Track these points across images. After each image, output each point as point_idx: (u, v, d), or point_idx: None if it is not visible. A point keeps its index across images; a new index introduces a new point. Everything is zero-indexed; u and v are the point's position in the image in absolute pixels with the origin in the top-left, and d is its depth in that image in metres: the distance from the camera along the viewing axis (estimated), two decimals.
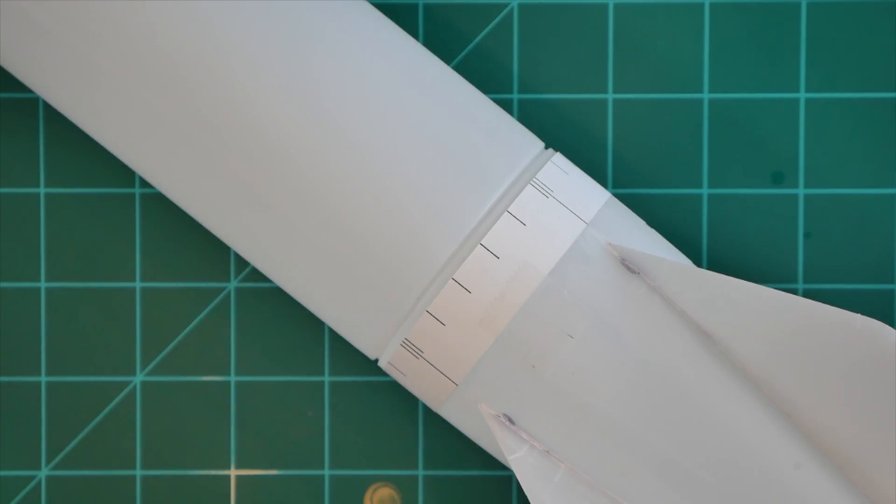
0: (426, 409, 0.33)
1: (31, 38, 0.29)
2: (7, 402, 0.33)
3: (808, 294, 0.33)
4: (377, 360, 0.31)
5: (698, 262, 0.33)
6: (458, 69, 0.33)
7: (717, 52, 0.33)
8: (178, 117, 0.29)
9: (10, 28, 0.29)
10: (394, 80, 0.29)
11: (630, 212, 0.31)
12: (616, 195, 0.33)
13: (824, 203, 0.33)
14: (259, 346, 0.33)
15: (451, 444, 0.33)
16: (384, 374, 0.33)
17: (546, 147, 0.32)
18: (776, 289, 0.29)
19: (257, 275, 0.33)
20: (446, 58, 0.33)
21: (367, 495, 0.33)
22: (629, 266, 0.29)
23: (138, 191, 0.33)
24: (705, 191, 0.33)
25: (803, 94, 0.33)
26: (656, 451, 0.29)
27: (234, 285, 0.33)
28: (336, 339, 0.33)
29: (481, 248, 0.28)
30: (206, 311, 0.33)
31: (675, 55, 0.33)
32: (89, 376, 0.33)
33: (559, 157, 0.30)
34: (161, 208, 0.33)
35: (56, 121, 0.33)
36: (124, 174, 0.33)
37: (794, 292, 0.33)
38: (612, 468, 0.29)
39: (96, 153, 0.33)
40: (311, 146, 0.29)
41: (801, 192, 0.33)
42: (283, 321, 0.33)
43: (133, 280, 0.33)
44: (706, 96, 0.33)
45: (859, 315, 0.28)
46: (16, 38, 0.29)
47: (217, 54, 0.29)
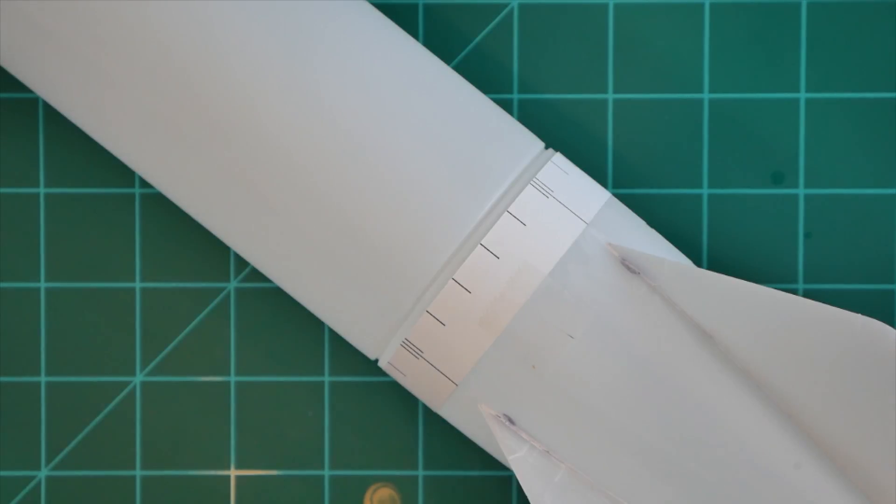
0: (426, 409, 0.33)
1: (31, 38, 0.29)
2: (7, 402, 0.33)
3: (808, 294, 0.33)
4: (377, 360, 0.31)
5: (698, 262, 0.33)
6: (458, 69, 0.33)
7: (717, 52, 0.33)
8: (177, 117, 0.29)
9: (11, 28, 0.29)
10: (394, 80, 0.29)
11: (630, 212, 0.31)
12: (616, 195, 0.33)
13: (824, 203, 0.33)
14: (259, 346, 0.33)
15: (451, 444, 0.33)
16: (384, 374, 0.33)
17: (546, 147, 0.32)
18: (776, 289, 0.29)
19: (257, 275, 0.33)
20: (446, 58, 0.33)
21: (367, 495, 0.33)
22: (629, 266, 0.29)
23: (138, 191, 0.33)
24: (705, 191, 0.33)
25: (803, 94, 0.33)
26: (656, 451, 0.29)
27: (234, 285, 0.33)
28: (336, 339, 0.33)
29: (481, 248, 0.28)
30: (206, 311, 0.33)
31: (675, 55, 0.33)
32: (89, 376, 0.33)
33: (559, 157, 0.30)
34: (161, 208, 0.33)
35: (56, 121, 0.33)
36: (124, 174, 0.33)
37: (794, 292, 0.33)
38: (612, 468, 0.29)
39: (96, 153, 0.33)
40: (311, 146, 0.29)
41: (801, 192, 0.33)
42: (283, 321, 0.33)
43: (133, 280, 0.33)
44: (706, 96, 0.33)
45: (859, 315, 0.28)
46: (16, 38, 0.29)
47: (217, 54, 0.29)
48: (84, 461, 0.33)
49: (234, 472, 0.33)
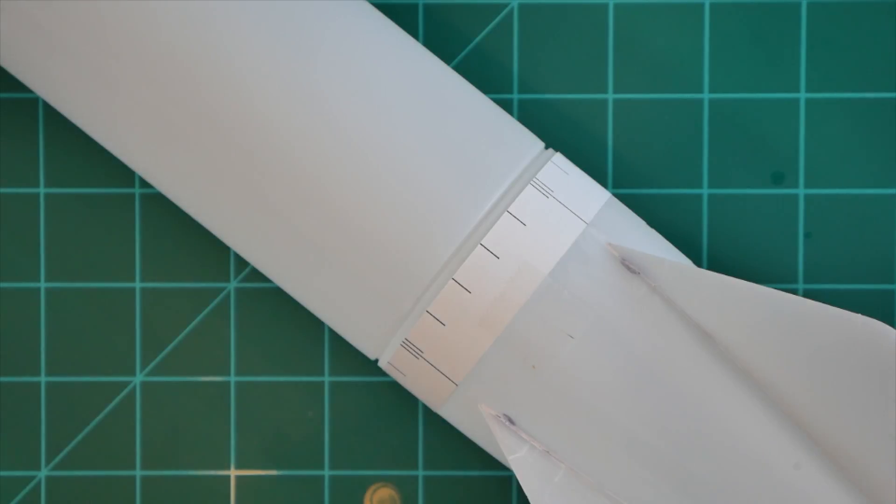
0: (426, 409, 0.33)
1: (31, 38, 0.29)
2: (7, 402, 0.33)
3: (808, 294, 0.33)
4: (377, 360, 0.31)
5: (698, 262, 0.33)
6: (458, 69, 0.33)
7: (717, 52, 0.33)
8: (178, 117, 0.29)
9: (11, 28, 0.29)
10: (394, 80, 0.29)
11: (630, 212, 0.31)
12: (616, 195, 0.33)
13: (824, 203, 0.33)
14: (259, 346, 0.33)
15: (451, 444, 0.33)
16: (384, 374, 0.33)
17: (546, 147, 0.32)
18: (776, 289, 0.29)
19: (257, 275, 0.33)
20: (446, 58, 0.33)
21: (367, 495, 0.33)
22: (629, 266, 0.29)
23: (138, 191, 0.33)
24: (705, 191, 0.33)
25: (803, 94, 0.33)
26: (656, 451, 0.29)
27: (234, 285, 0.33)
28: (336, 339, 0.33)
29: (481, 248, 0.28)
30: (206, 311, 0.33)
31: (675, 55, 0.33)
32: (89, 376, 0.33)
33: (559, 157, 0.30)
34: (161, 208, 0.33)
35: (56, 121, 0.33)
36: (124, 174, 0.33)
37: (794, 292, 0.33)
38: (612, 468, 0.29)
39: (96, 153, 0.33)
40: (311, 146, 0.29)
41: (801, 192, 0.33)
42: (283, 321, 0.33)
43: (133, 280, 0.33)
44: (706, 96, 0.33)
45: (859, 315, 0.28)
46: (16, 39, 0.29)
47: (217, 54, 0.29)
48: (84, 461, 0.33)
49: (234, 472, 0.33)
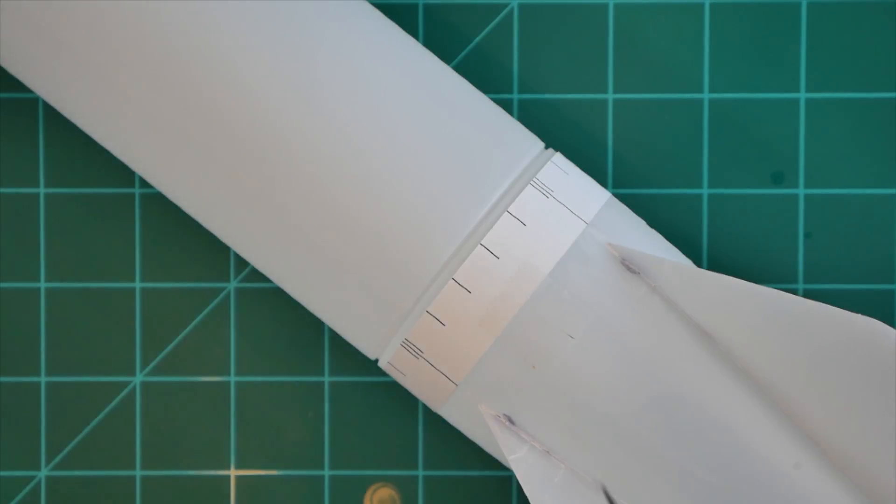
0: (426, 409, 0.33)
1: (31, 38, 0.29)
2: (7, 402, 0.33)
3: (808, 294, 0.33)
4: (377, 360, 0.31)
5: (698, 262, 0.33)
6: (458, 69, 0.33)
7: (717, 52, 0.33)
8: (178, 117, 0.29)
9: (11, 28, 0.29)
10: (394, 80, 0.29)
11: (630, 212, 0.31)
12: (616, 195, 0.33)
13: (824, 203, 0.33)
14: (259, 346, 0.33)
15: (451, 444, 0.33)
16: (384, 374, 0.33)
17: (546, 147, 0.32)
18: (776, 289, 0.29)
19: (257, 275, 0.33)
20: (446, 58, 0.33)
21: (367, 495, 0.33)
22: (629, 266, 0.29)
23: (138, 191, 0.33)
24: (705, 191, 0.33)
25: (803, 94, 0.33)
26: (656, 452, 0.29)
27: (234, 285, 0.33)
28: (336, 339, 0.33)
29: (481, 248, 0.28)
30: (206, 311, 0.33)
31: (675, 55, 0.33)
32: (89, 376, 0.33)
33: (559, 157, 0.30)
34: (161, 208, 0.33)
35: (56, 121, 0.33)
36: (124, 174, 0.33)
37: (794, 292, 0.33)
38: (613, 468, 0.29)
39: (96, 153, 0.33)
40: (311, 146, 0.29)
41: (801, 192, 0.33)
42: (283, 321, 0.33)
43: (133, 280, 0.33)
44: (706, 96, 0.33)
45: (859, 315, 0.28)
46: (16, 38, 0.29)
47: (217, 54, 0.29)
48: (84, 461, 0.33)
49: (234, 472, 0.33)
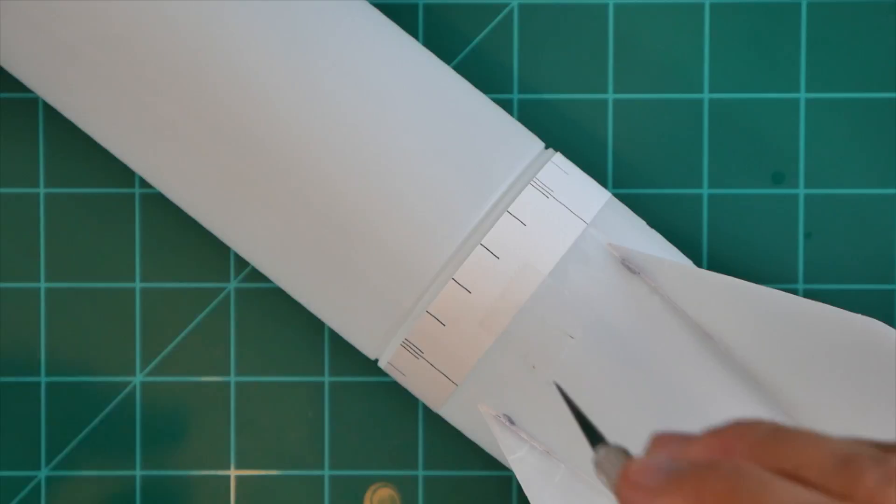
0: (426, 409, 0.33)
1: (31, 38, 0.29)
2: (7, 402, 0.33)
3: (808, 294, 0.33)
4: (377, 361, 0.31)
5: (698, 262, 0.33)
6: (458, 69, 0.33)
7: (717, 52, 0.33)
8: (178, 117, 0.29)
9: (11, 28, 0.29)
10: (394, 80, 0.29)
11: (630, 212, 0.31)
12: (616, 195, 0.33)
13: (824, 203, 0.33)
14: (259, 346, 0.33)
15: (451, 444, 0.33)
16: (384, 374, 0.33)
17: (546, 147, 0.32)
18: (776, 289, 0.29)
19: (257, 275, 0.33)
20: (446, 58, 0.33)
21: (367, 495, 0.33)
22: (629, 266, 0.29)
23: (138, 191, 0.33)
24: (705, 191, 0.33)
25: (803, 94, 0.33)
26: None
27: (234, 285, 0.33)
28: (336, 339, 0.33)
29: (481, 248, 0.28)
30: (207, 311, 0.33)
31: (675, 55, 0.33)
32: (89, 376, 0.33)
33: (559, 158, 0.30)
34: (161, 208, 0.33)
35: (56, 121, 0.33)
36: (124, 174, 0.33)
37: (794, 292, 0.33)
38: None
39: (96, 153, 0.33)
40: (311, 147, 0.29)
41: (801, 192, 0.33)
42: (283, 321, 0.33)
43: (133, 280, 0.33)
44: (706, 96, 0.33)
45: (859, 315, 0.28)
46: (16, 38, 0.29)
47: (219, 55, 0.29)
48: (84, 461, 0.33)
49: (234, 472, 0.33)
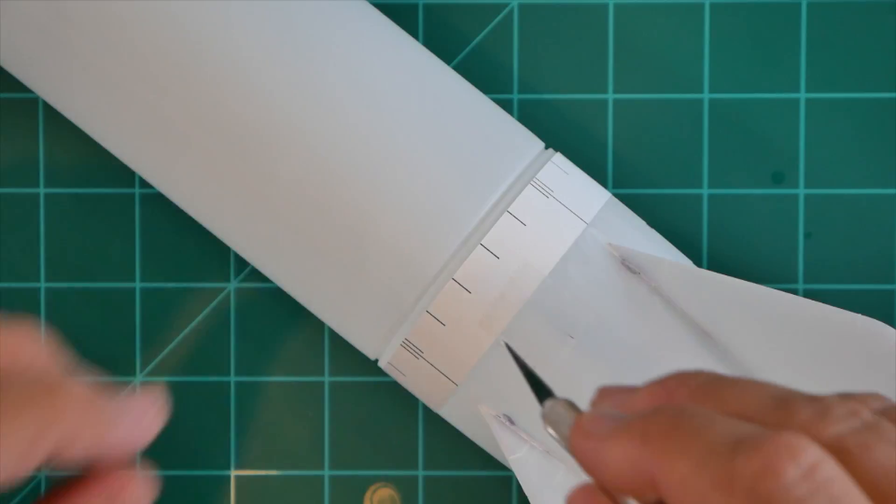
0: (426, 409, 0.33)
1: (31, 38, 0.29)
2: None
3: (808, 294, 0.33)
4: (377, 361, 0.31)
5: (698, 262, 0.33)
6: (458, 69, 0.33)
7: (717, 52, 0.33)
8: (178, 118, 0.29)
9: (11, 28, 0.29)
10: (393, 80, 0.29)
11: (630, 212, 0.31)
12: (616, 195, 0.33)
13: (824, 203, 0.33)
14: (259, 346, 0.33)
15: (451, 444, 0.33)
16: (384, 374, 0.33)
17: (546, 147, 0.32)
18: (776, 289, 0.29)
19: (257, 275, 0.33)
20: (446, 58, 0.33)
21: (367, 495, 0.33)
22: (629, 266, 0.29)
23: (138, 191, 0.33)
24: (705, 191, 0.33)
25: (803, 94, 0.33)
26: None
27: (234, 285, 0.33)
28: (336, 339, 0.33)
29: (481, 248, 0.28)
30: (206, 311, 0.33)
31: (675, 55, 0.33)
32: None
33: (559, 157, 0.30)
34: (161, 208, 0.33)
35: (56, 121, 0.33)
36: (124, 174, 0.33)
37: (794, 292, 0.33)
38: None
39: (96, 153, 0.33)
40: (311, 147, 0.29)
41: (801, 192, 0.33)
42: (283, 321, 0.33)
43: (133, 280, 0.33)
44: (706, 96, 0.33)
45: (859, 315, 0.28)
46: (16, 38, 0.29)
47: (219, 56, 0.29)
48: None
49: (234, 472, 0.33)
